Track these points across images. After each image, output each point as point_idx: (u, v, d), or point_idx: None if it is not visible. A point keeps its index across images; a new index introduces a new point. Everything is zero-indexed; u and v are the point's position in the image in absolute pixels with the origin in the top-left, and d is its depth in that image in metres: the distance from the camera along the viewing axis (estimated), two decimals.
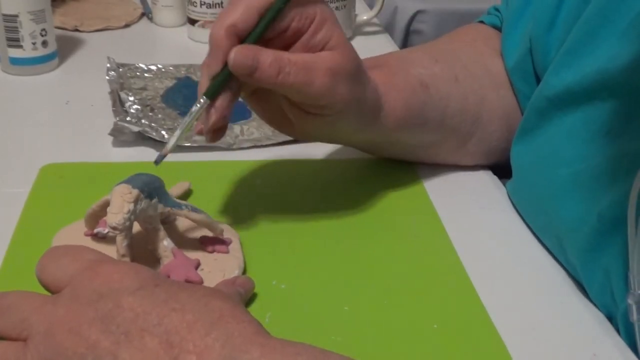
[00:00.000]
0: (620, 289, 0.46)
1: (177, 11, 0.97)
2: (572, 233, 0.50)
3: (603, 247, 0.48)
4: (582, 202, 0.50)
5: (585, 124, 0.51)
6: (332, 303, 0.48)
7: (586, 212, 0.49)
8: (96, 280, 0.36)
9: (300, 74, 0.48)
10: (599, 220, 0.48)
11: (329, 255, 0.52)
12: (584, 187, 0.50)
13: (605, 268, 0.47)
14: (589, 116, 0.51)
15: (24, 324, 0.36)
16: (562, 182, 0.52)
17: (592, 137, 0.50)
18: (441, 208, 0.58)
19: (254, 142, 0.67)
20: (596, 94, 0.50)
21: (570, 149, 0.52)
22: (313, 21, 0.50)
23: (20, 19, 0.78)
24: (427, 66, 0.60)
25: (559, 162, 0.53)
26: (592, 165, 0.50)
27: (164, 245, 0.48)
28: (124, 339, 0.34)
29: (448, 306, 0.48)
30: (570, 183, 0.51)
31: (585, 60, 0.51)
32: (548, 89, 0.55)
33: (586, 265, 0.49)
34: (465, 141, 0.62)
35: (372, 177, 0.62)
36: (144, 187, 0.46)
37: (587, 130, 0.51)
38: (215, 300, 0.36)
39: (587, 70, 0.51)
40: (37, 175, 0.60)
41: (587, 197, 0.50)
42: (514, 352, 0.44)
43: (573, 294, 0.50)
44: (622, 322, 0.46)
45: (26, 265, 0.45)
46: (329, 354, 0.35)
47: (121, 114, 0.67)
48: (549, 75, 0.55)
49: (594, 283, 0.49)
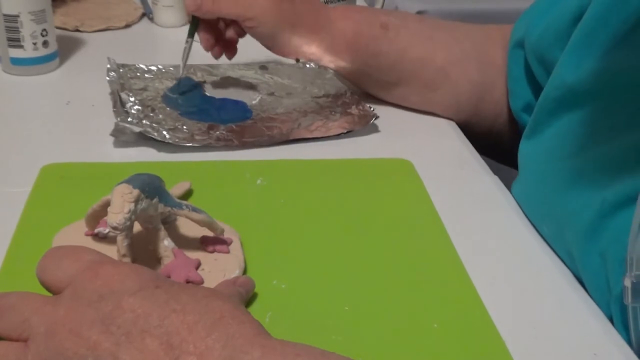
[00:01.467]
0: (615, 272, 0.47)
1: (178, 11, 0.97)
2: (574, 217, 0.51)
3: (602, 230, 0.48)
4: (586, 189, 0.51)
5: (589, 121, 0.52)
6: (332, 303, 0.48)
7: (590, 197, 0.50)
8: (97, 281, 0.36)
9: None
10: (602, 204, 0.49)
11: (329, 255, 0.52)
12: (589, 176, 0.51)
13: (602, 252, 0.48)
14: (592, 114, 0.52)
15: (25, 324, 0.36)
16: (567, 171, 0.53)
17: (597, 131, 0.52)
18: (441, 208, 0.58)
19: (255, 141, 0.67)
20: (598, 93, 0.52)
21: (576, 142, 0.53)
22: None
23: (21, 19, 0.78)
24: (403, 20, 0.74)
25: (565, 154, 0.54)
26: (598, 154, 0.51)
27: (164, 245, 0.48)
28: (124, 340, 0.34)
29: (448, 306, 0.48)
30: (576, 172, 0.53)
31: (585, 61, 0.52)
32: (554, 90, 0.56)
33: (583, 250, 0.50)
34: (430, 90, 0.73)
35: (372, 177, 0.62)
36: (145, 186, 0.46)
37: (591, 126, 0.52)
38: (215, 301, 0.36)
39: (587, 70, 0.52)
40: (37, 175, 0.60)
41: (592, 185, 0.51)
42: (514, 351, 0.44)
43: (574, 294, 0.50)
44: (615, 307, 0.47)
45: (27, 265, 0.45)
46: (329, 354, 0.35)
47: (122, 114, 0.67)
48: (554, 77, 0.57)
49: (589, 268, 0.50)
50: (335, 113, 0.72)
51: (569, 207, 0.52)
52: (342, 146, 0.68)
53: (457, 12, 1.54)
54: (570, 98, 0.54)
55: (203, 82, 0.78)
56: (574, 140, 0.54)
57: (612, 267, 0.47)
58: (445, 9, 1.55)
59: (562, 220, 0.53)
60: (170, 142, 0.65)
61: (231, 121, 0.70)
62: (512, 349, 0.45)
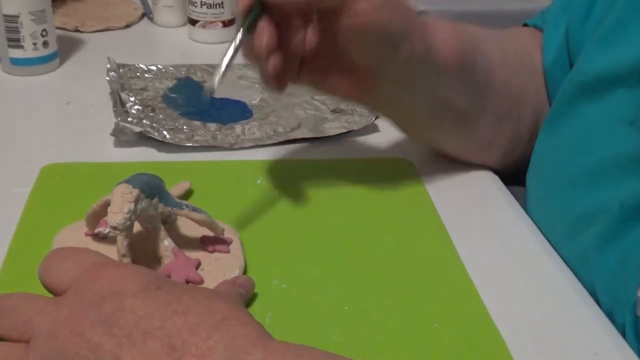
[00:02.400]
0: (634, 278, 0.46)
1: (178, 11, 0.97)
2: (593, 219, 0.50)
3: (623, 234, 0.47)
4: (604, 190, 0.50)
5: (610, 112, 0.51)
6: (332, 303, 0.48)
7: (609, 199, 0.49)
8: (99, 282, 0.36)
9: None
10: (622, 208, 0.48)
11: (329, 255, 0.52)
12: (607, 175, 0.50)
13: (622, 257, 0.47)
14: (614, 104, 0.51)
15: (26, 325, 0.36)
16: (584, 169, 0.52)
17: (617, 125, 0.50)
18: (442, 207, 0.58)
19: (256, 141, 0.67)
20: (623, 81, 0.50)
21: (594, 138, 0.52)
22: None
23: (21, 20, 0.78)
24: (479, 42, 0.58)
25: (583, 150, 0.53)
26: (617, 153, 0.50)
27: (164, 245, 0.48)
28: (126, 341, 0.34)
29: (448, 305, 0.48)
30: (594, 171, 0.51)
31: (618, 48, 0.51)
32: (578, 75, 0.55)
33: (601, 253, 0.49)
34: (501, 121, 0.60)
35: (372, 177, 0.62)
36: (145, 186, 0.46)
37: (612, 119, 0.51)
38: (217, 303, 0.36)
39: (616, 56, 0.51)
40: (37, 175, 0.60)
41: (609, 185, 0.50)
42: (514, 351, 0.44)
43: (575, 293, 0.50)
44: (629, 316, 0.46)
45: (27, 265, 0.45)
46: (331, 355, 0.35)
47: (122, 114, 0.67)
48: (581, 62, 0.55)
49: (605, 272, 0.48)
50: (336, 113, 0.72)
51: (587, 207, 0.51)
52: (342, 146, 0.68)
53: (457, 12, 1.54)
54: (595, 86, 0.52)
55: (203, 82, 0.78)
56: (591, 136, 0.52)
57: (632, 273, 0.46)
58: (445, 9, 1.55)
59: (577, 220, 0.51)
60: (170, 142, 0.65)
61: (231, 121, 0.70)
62: (512, 349, 0.45)
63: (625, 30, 0.51)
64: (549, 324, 0.47)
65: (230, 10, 0.91)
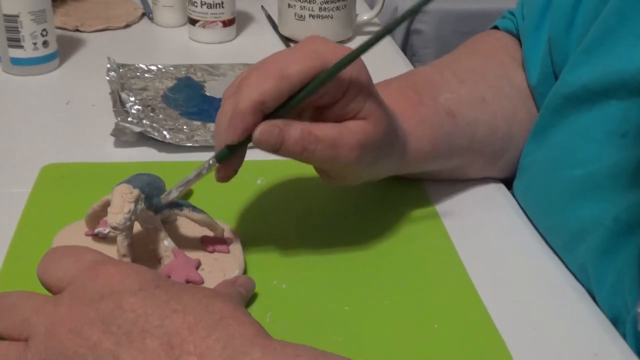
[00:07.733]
0: (633, 292, 0.46)
1: (178, 11, 0.97)
2: (587, 234, 0.50)
3: (618, 249, 0.47)
4: (597, 203, 0.49)
5: (600, 124, 0.50)
6: (332, 303, 0.48)
7: (602, 213, 0.49)
8: (97, 281, 0.36)
9: (325, 151, 0.46)
10: (615, 223, 0.47)
11: (329, 256, 0.52)
12: (600, 189, 0.49)
13: (619, 271, 0.47)
14: (604, 116, 0.50)
15: (25, 324, 0.36)
16: (577, 182, 0.51)
17: (608, 137, 0.50)
18: (442, 208, 0.58)
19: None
20: (613, 93, 0.49)
21: (585, 150, 0.51)
22: (346, 92, 0.46)
23: (21, 19, 0.78)
24: (454, 89, 0.59)
25: (573, 162, 0.52)
26: (608, 166, 0.49)
27: (164, 245, 0.48)
28: (125, 339, 0.34)
29: (449, 306, 0.48)
30: (586, 184, 0.51)
31: (603, 59, 0.50)
32: (564, 86, 0.54)
33: (599, 267, 0.48)
34: (495, 159, 0.61)
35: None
36: (145, 187, 0.46)
37: (602, 131, 0.50)
38: (216, 302, 0.36)
39: (604, 68, 0.50)
40: (38, 175, 0.60)
41: (603, 199, 0.49)
42: (514, 352, 0.44)
43: (574, 295, 0.50)
44: (630, 329, 0.46)
45: (27, 265, 0.45)
46: (329, 355, 0.35)
47: (122, 114, 0.67)
48: (566, 72, 0.54)
49: (605, 285, 0.48)
50: None
51: (581, 221, 0.50)
52: None
53: (458, 12, 1.54)
54: (583, 97, 0.51)
55: (203, 82, 0.78)
56: (582, 147, 0.51)
57: (630, 288, 0.46)
58: (445, 8, 1.55)
59: (573, 234, 0.51)
60: (170, 142, 0.65)
61: None
62: (512, 349, 0.45)
63: (611, 41, 0.50)
64: (549, 324, 0.47)
65: (230, 10, 0.91)
